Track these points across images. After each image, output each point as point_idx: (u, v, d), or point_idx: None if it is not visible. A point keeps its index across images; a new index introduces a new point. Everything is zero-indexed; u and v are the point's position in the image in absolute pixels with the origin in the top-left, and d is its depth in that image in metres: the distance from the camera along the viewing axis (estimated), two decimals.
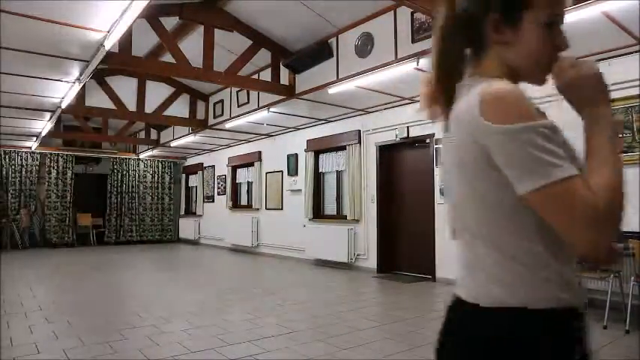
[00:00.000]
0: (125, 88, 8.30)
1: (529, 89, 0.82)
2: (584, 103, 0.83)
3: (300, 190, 9.07)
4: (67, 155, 12.16)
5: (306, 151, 8.85)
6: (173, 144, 10.99)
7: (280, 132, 9.57)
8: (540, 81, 0.89)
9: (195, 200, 13.35)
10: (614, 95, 4.61)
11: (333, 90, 6.03)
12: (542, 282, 0.78)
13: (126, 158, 13.13)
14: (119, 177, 13.02)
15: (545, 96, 1.21)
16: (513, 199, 0.75)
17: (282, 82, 6.69)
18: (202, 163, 12.99)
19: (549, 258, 0.78)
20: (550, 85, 0.88)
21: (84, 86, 6.78)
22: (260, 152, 10.41)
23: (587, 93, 0.82)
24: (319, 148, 8.63)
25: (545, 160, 0.70)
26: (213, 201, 12.42)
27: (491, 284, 0.80)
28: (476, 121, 0.75)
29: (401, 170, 7.33)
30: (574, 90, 0.83)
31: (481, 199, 0.80)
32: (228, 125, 8.60)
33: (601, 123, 0.80)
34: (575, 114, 0.87)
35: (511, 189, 0.74)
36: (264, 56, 6.67)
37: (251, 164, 10.72)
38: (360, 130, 7.74)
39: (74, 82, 5.72)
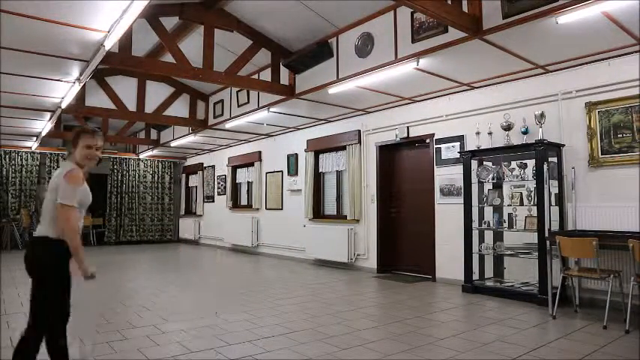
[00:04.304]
0: (125, 88, 8.31)
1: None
2: None
3: (300, 190, 9.07)
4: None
5: (306, 151, 8.85)
6: (173, 144, 11.00)
7: (280, 132, 9.58)
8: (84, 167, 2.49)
9: (196, 200, 13.36)
10: (613, 95, 4.63)
11: (333, 90, 6.03)
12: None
13: (126, 158, 13.13)
14: (119, 177, 13.02)
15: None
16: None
17: (282, 82, 6.69)
18: (202, 163, 13.00)
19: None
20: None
21: (84, 86, 6.78)
22: (260, 152, 10.41)
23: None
24: (319, 148, 8.63)
25: (70, 195, 2.35)
26: (213, 201, 12.43)
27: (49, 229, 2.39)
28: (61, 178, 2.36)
29: (401, 170, 7.33)
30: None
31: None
32: (228, 125, 8.61)
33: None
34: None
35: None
36: (264, 56, 6.67)
37: (251, 164, 10.72)
38: (360, 130, 7.74)
39: (74, 82, 5.71)
